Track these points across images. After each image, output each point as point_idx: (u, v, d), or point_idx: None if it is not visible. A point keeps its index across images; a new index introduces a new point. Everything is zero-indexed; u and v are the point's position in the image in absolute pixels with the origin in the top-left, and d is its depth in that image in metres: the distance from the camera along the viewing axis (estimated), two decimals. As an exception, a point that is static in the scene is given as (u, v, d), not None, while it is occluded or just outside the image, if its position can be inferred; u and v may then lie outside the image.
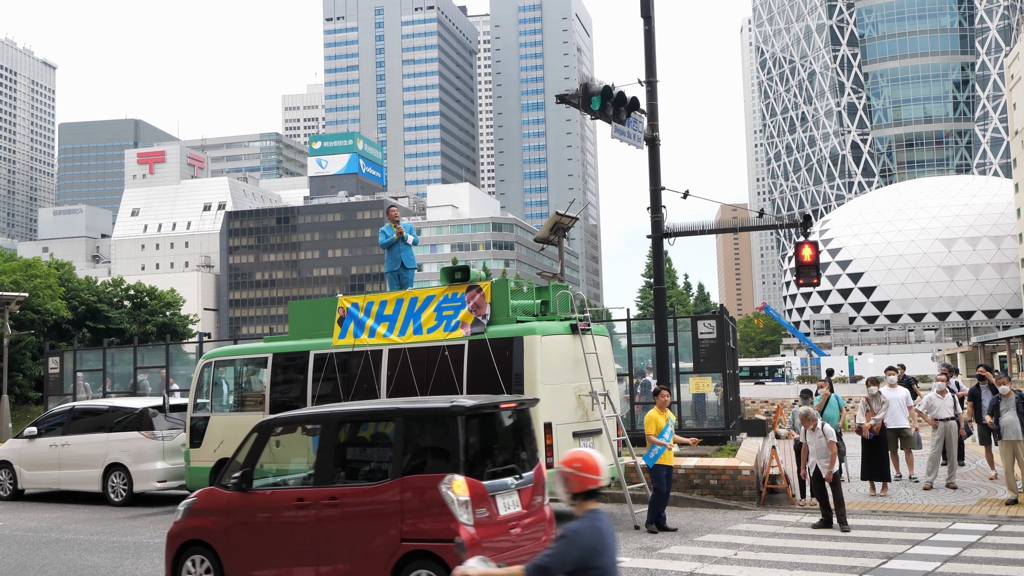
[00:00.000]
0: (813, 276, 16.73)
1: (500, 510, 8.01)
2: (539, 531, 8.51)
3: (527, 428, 8.86)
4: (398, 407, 8.41)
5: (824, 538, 11.63)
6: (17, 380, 36.14)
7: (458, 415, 7.92)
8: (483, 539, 7.62)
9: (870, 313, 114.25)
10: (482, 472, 8.00)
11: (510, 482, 8.24)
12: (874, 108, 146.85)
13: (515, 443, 8.76)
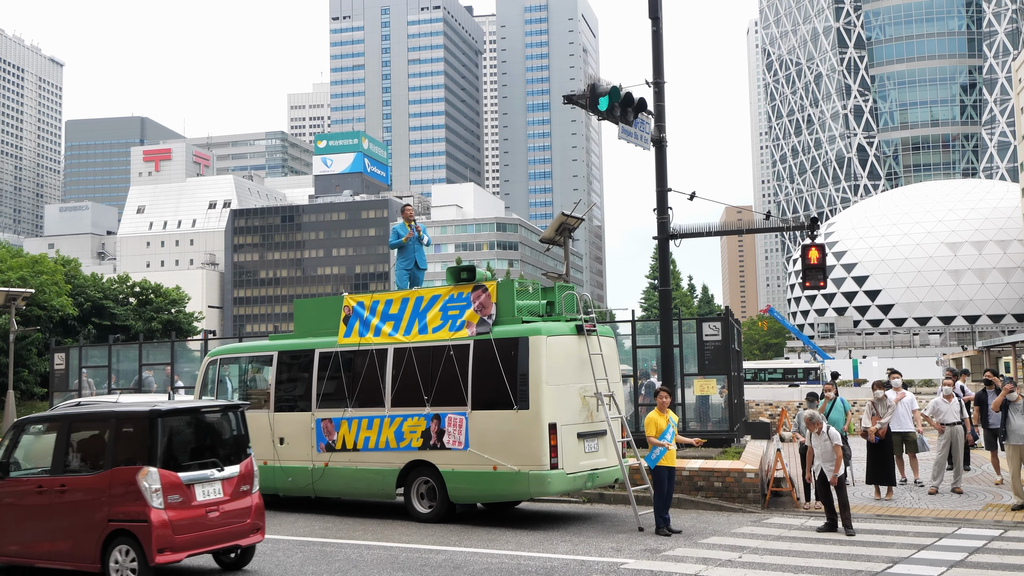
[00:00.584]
0: (819, 278, 16.70)
1: (197, 496, 9.62)
2: (243, 515, 10.06)
3: (235, 427, 10.47)
4: (112, 411, 10.20)
5: (829, 542, 11.61)
6: (23, 376, 36.21)
7: (156, 417, 9.59)
8: (176, 520, 9.31)
9: (875, 316, 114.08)
10: (179, 465, 9.61)
11: (211, 473, 9.84)
12: (881, 111, 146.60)
13: (220, 440, 10.35)
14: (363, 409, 14.04)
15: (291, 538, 12.47)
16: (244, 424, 10.58)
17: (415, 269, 16.04)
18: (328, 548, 11.66)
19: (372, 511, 14.77)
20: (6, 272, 35.12)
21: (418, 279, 16.08)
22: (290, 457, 14.69)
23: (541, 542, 11.85)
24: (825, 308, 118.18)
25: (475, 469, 12.96)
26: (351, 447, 14.06)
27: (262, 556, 11.18)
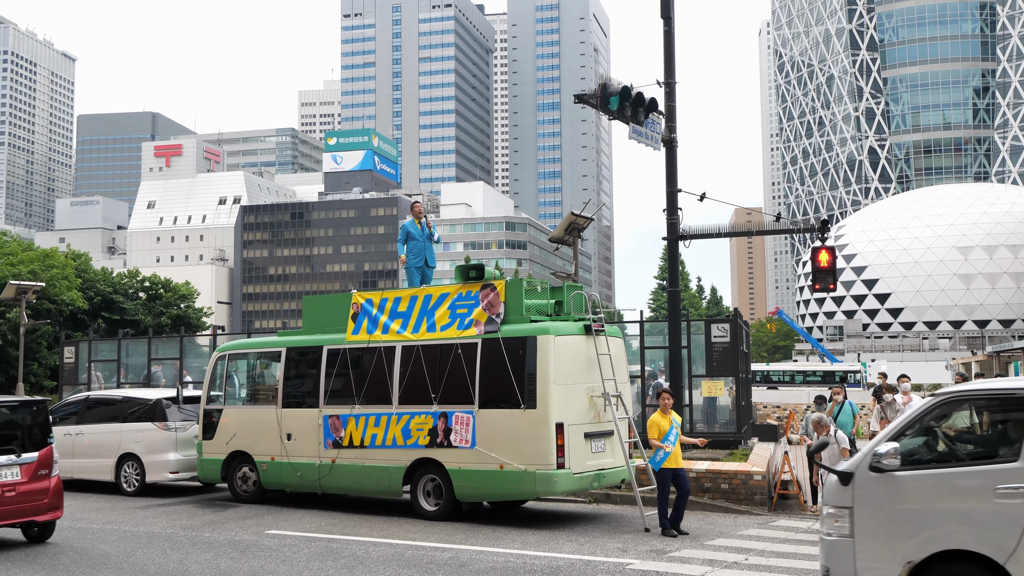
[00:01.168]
0: (829, 281, 16.65)
1: None
2: (41, 495, 11.66)
3: (35, 420, 12.03)
4: None
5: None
6: (33, 369, 36.34)
7: None
8: None
9: (884, 320, 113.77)
10: None
11: (10, 459, 11.51)
12: (893, 113, 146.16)
13: (19, 431, 11.90)
14: (371, 406, 14.07)
15: (297, 534, 12.51)
16: (47, 417, 12.24)
17: (425, 267, 16.05)
18: (334, 544, 11.69)
19: (378, 508, 14.80)
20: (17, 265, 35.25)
21: (428, 277, 16.09)
22: (297, 453, 14.73)
23: (547, 541, 11.85)
24: (834, 311, 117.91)
25: (482, 468, 12.97)
26: (358, 444, 14.09)
27: (269, 552, 11.22)
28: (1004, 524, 6.81)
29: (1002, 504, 6.85)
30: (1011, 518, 6.79)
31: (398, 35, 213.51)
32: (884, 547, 7.33)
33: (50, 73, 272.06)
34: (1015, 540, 6.73)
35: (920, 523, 7.20)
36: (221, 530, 12.86)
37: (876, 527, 7.38)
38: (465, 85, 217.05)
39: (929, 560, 7.08)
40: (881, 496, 7.38)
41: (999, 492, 6.88)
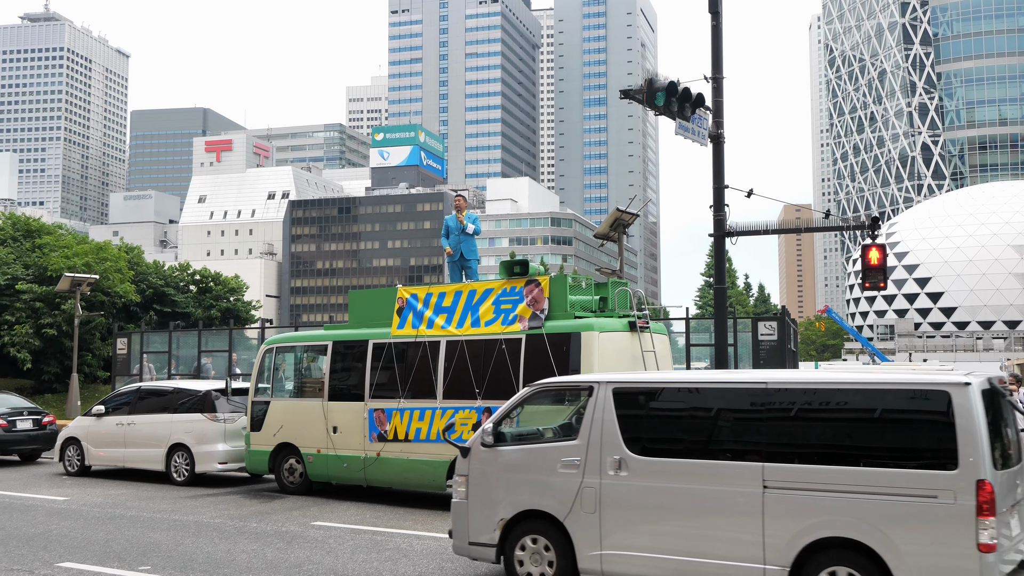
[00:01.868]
0: (880, 279, 16.44)
1: None
2: None
3: None
4: None
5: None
6: (87, 360, 37.02)
7: None
8: None
9: (937, 319, 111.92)
10: None
11: None
12: (947, 109, 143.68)
13: None
14: (415, 400, 14.16)
15: (343, 526, 12.64)
16: None
17: (462, 260, 16.08)
18: (379, 537, 11.80)
19: (423, 502, 14.89)
20: (72, 258, 35.92)
21: (469, 270, 16.10)
22: (343, 446, 14.87)
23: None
24: (885, 310, 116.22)
25: (525, 462, 13.00)
26: (403, 438, 14.19)
27: (314, 543, 11.37)
28: (564, 490, 8.54)
29: (563, 474, 8.60)
30: (569, 485, 8.54)
31: (445, 31, 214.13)
32: (487, 508, 8.97)
33: (105, 69, 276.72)
34: (571, 502, 8.48)
35: (510, 489, 8.87)
36: (268, 521, 13.04)
37: (482, 491, 9.04)
38: (511, 81, 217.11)
39: (516, 518, 8.79)
40: (486, 466, 9.04)
41: (562, 464, 8.63)
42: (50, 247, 38.01)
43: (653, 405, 8.72)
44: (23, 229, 41.67)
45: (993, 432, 7.33)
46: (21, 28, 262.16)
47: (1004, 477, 7.32)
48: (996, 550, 6.99)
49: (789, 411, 7.86)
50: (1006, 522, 7.29)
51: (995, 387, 7.75)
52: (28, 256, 38.06)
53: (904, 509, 7.15)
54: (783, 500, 7.58)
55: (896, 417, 7.56)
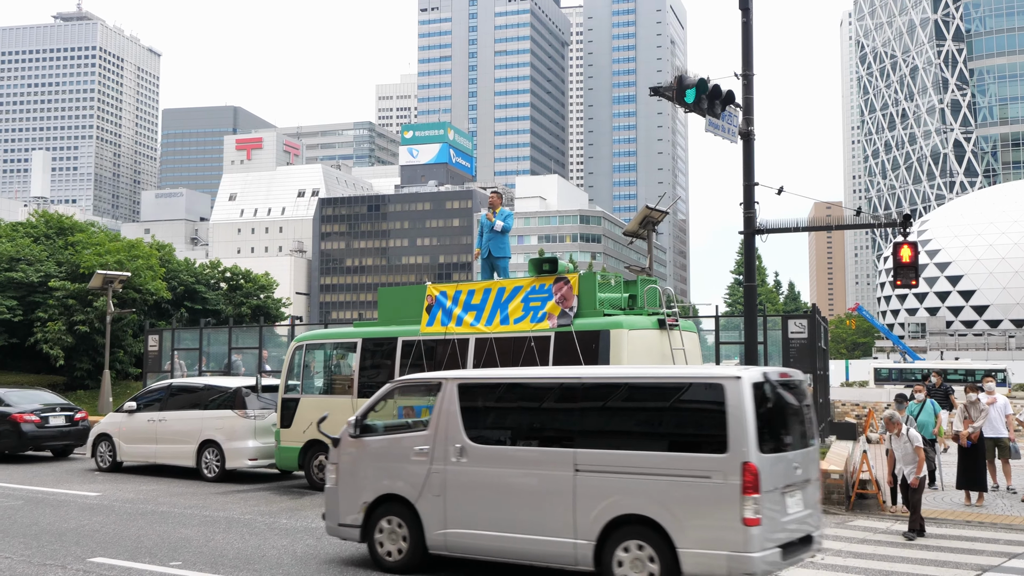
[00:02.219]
0: (911, 277, 16.26)
1: None
2: None
3: None
4: None
5: (915, 546, 11.35)
6: (118, 356, 37.37)
7: None
8: None
9: (969, 317, 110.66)
10: None
11: None
12: (979, 106, 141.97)
13: None
14: (444, 398, 14.14)
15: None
16: None
17: (491, 258, 16.02)
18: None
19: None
20: (104, 256, 36.25)
21: (499, 268, 16.00)
22: (372, 443, 14.89)
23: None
24: (916, 308, 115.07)
25: (554, 460, 12.97)
26: (432, 435, 14.18)
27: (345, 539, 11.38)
28: (416, 475, 9.50)
29: (416, 461, 9.54)
30: (420, 471, 9.49)
31: (474, 29, 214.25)
32: (353, 493, 9.91)
33: (136, 68, 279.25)
34: (421, 486, 9.41)
35: (372, 475, 9.84)
36: (298, 517, 13.09)
37: (349, 478, 10.00)
38: (540, 78, 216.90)
39: (376, 501, 9.72)
40: (353, 455, 10.03)
41: (415, 452, 9.58)
42: (82, 245, 38.38)
43: (489, 398, 9.76)
44: (56, 227, 42.13)
45: (765, 420, 8.19)
46: (54, 27, 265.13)
47: (775, 460, 8.15)
48: (760, 524, 7.85)
49: (596, 403, 8.95)
50: (777, 500, 8.13)
51: (771, 381, 8.57)
52: (61, 253, 38.47)
53: (686, 488, 8.08)
54: (590, 481, 8.53)
55: (681, 407, 8.62)
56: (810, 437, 9.01)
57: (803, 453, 8.73)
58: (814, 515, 8.80)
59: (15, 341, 36.50)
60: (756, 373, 8.45)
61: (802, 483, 8.58)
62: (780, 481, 8.22)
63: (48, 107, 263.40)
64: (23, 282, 36.13)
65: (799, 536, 8.47)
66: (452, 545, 9.26)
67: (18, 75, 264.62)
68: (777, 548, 8.08)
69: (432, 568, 9.61)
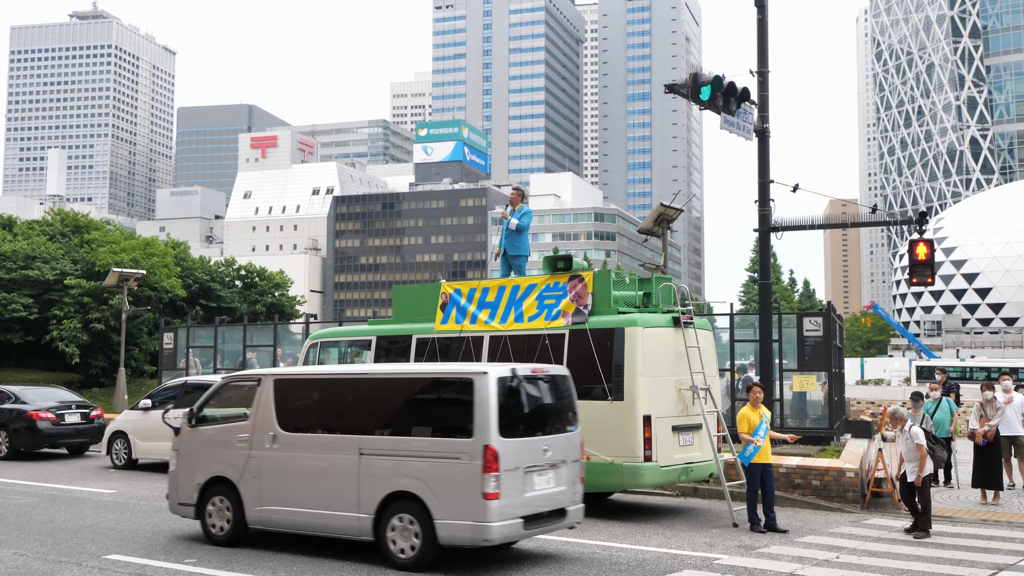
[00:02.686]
0: (927, 275, 16.18)
1: None
2: None
3: None
4: None
5: (930, 545, 11.29)
6: (134, 354, 37.56)
7: None
8: None
9: (985, 315, 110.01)
10: None
11: None
12: (996, 103, 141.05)
13: None
14: (458, 395, 14.14)
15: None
16: None
17: (506, 256, 15.98)
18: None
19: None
20: (119, 254, 36.44)
21: (514, 266, 15.94)
22: (386, 440, 14.91)
23: (633, 534, 11.81)
24: (932, 305, 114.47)
25: (568, 458, 12.96)
26: (446, 433, 14.19)
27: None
28: (238, 459, 10.78)
29: (238, 447, 10.82)
30: (241, 456, 10.76)
31: (489, 26, 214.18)
32: (189, 475, 11.16)
33: (152, 66, 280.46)
34: (241, 469, 10.69)
35: (205, 460, 11.10)
36: (312, 514, 13.10)
37: (187, 462, 11.27)
38: (555, 76, 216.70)
39: (208, 482, 10.94)
40: (190, 442, 11.35)
41: (238, 439, 10.84)
42: (98, 243, 38.57)
43: (298, 392, 11.01)
44: (71, 225, 42.36)
45: (511, 410, 9.53)
46: (70, 26, 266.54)
47: (519, 444, 9.47)
48: (499, 498, 9.13)
49: (377, 395, 10.45)
50: (520, 478, 9.42)
51: (519, 376, 9.84)
52: (76, 251, 38.68)
53: (442, 468, 9.38)
54: (371, 463, 9.81)
55: (441, 399, 10.03)
56: (567, 424, 10.35)
57: (556, 438, 10.02)
58: (569, 492, 10.09)
59: (31, 339, 36.73)
60: (503, 369, 9.76)
61: (553, 464, 9.87)
62: (524, 462, 9.50)
63: (64, 105, 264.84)
64: (39, 280, 36.35)
65: (549, 509, 9.78)
66: (266, 520, 10.56)
67: (34, 74, 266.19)
68: (519, 519, 9.37)
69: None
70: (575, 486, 10.23)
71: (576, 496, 10.27)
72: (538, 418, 10.11)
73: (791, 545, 11.19)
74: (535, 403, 10.11)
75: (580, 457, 10.42)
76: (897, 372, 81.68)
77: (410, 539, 9.47)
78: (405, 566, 9.47)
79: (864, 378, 79.48)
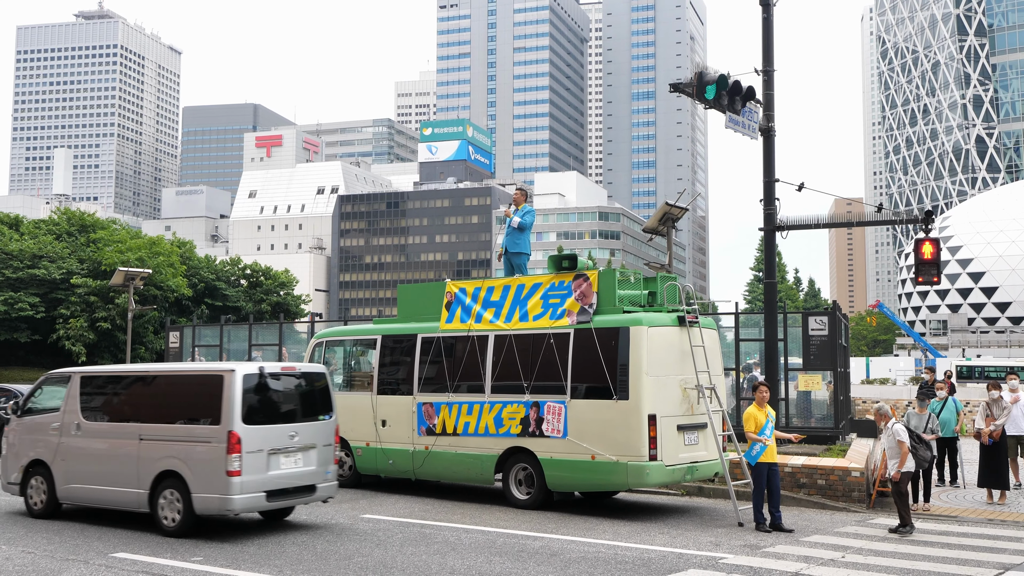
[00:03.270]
0: (933, 274, 16.17)
1: None
2: None
3: None
4: None
5: (936, 544, 11.28)
6: (139, 352, 37.65)
7: None
8: None
9: (991, 315, 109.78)
10: None
11: None
12: (1002, 101, 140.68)
13: None
14: (463, 394, 14.19)
15: (392, 519, 12.71)
16: None
17: (508, 254, 15.94)
18: (427, 530, 11.85)
19: (471, 495, 14.93)
20: (125, 253, 36.52)
21: (515, 265, 15.89)
22: (392, 439, 14.95)
23: (638, 533, 11.82)
24: (938, 305, 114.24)
25: (573, 457, 12.98)
26: (451, 432, 14.23)
27: (364, 535, 11.43)
28: (51, 444, 12.58)
29: (52, 434, 12.63)
30: (54, 441, 12.55)
31: (493, 26, 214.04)
32: (16, 458, 13.04)
33: (157, 66, 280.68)
34: (54, 452, 12.49)
35: (27, 445, 12.96)
36: (317, 513, 13.15)
37: (14, 447, 13.16)
38: (559, 75, 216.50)
39: (30, 464, 12.77)
40: (17, 430, 13.20)
41: (51, 428, 12.66)
42: (104, 242, 38.66)
43: (97, 387, 12.70)
44: (78, 224, 42.45)
45: (257, 401, 11.43)
46: (76, 26, 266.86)
47: (262, 430, 11.27)
48: (241, 475, 10.92)
49: (151, 390, 12.42)
50: (264, 459, 11.19)
51: (266, 373, 11.73)
52: (83, 251, 38.77)
53: (197, 450, 11.21)
54: (147, 447, 11.60)
55: (201, 391, 11.56)
56: (319, 413, 12.21)
57: (304, 425, 11.86)
58: (320, 471, 11.95)
59: (37, 337, 36.82)
60: (251, 368, 11.71)
61: (302, 447, 11.70)
62: (269, 445, 11.30)
63: (70, 105, 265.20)
64: (45, 279, 36.44)
65: (296, 486, 11.60)
66: (71, 496, 12.38)
67: (40, 73, 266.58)
68: (262, 493, 11.16)
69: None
70: (328, 466, 12.08)
71: (328, 475, 12.09)
72: (286, 408, 11.98)
73: (797, 544, 11.19)
74: (282, 396, 12.04)
75: (333, 442, 12.25)
76: (903, 371, 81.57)
77: (175, 511, 11.26)
78: (171, 533, 11.22)
79: (869, 377, 79.34)
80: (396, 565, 9.77)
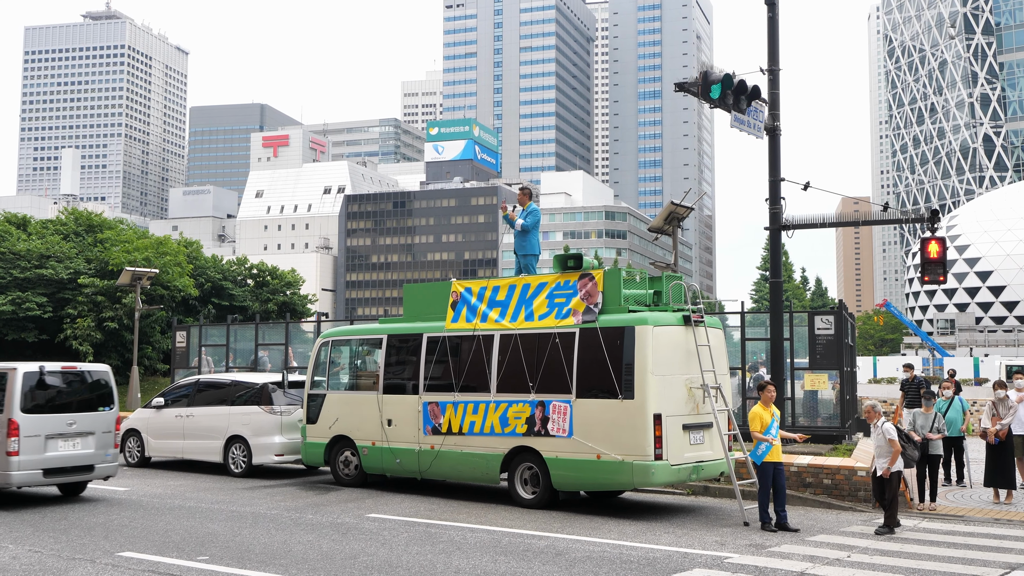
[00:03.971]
0: (939, 273, 16.13)
1: None
2: None
3: None
4: None
5: (942, 544, 11.27)
6: (146, 352, 37.71)
7: None
8: None
9: (999, 314, 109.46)
10: None
11: None
12: (1009, 100, 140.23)
13: None
14: (469, 394, 14.20)
15: (397, 518, 12.73)
16: None
17: (515, 254, 15.97)
18: (433, 529, 11.86)
19: (476, 495, 14.94)
20: (132, 252, 36.59)
21: (523, 265, 15.94)
22: (397, 439, 14.97)
23: (644, 532, 11.82)
24: (945, 304, 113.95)
25: (579, 457, 12.98)
26: (457, 431, 14.25)
27: (369, 535, 11.45)
28: None
29: None
30: None
31: (499, 25, 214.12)
32: None
33: (164, 66, 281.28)
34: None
35: None
36: (323, 512, 13.17)
37: None
38: (565, 74, 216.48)
39: None
40: None
41: None
42: (111, 242, 38.74)
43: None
44: (85, 224, 42.54)
45: (38, 394, 13.46)
46: (83, 26, 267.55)
47: (40, 418, 13.36)
48: (19, 455, 13.05)
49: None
50: (41, 442, 13.32)
51: (45, 371, 13.72)
52: (90, 251, 38.85)
53: None
54: None
55: None
56: (99, 406, 14.20)
57: (83, 415, 13.91)
58: (100, 454, 14.01)
59: (45, 337, 36.94)
60: (32, 366, 13.61)
61: (80, 433, 13.78)
62: (47, 431, 13.41)
63: (78, 105, 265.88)
64: (53, 279, 36.55)
65: (74, 465, 13.69)
66: None
67: (48, 74, 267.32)
68: (39, 471, 13.27)
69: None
70: (107, 449, 14.14)
71: (108, 457, 14.18)
72: (66, 401, 13.95)
73: (802, 544, 11.18)
74: (62, 390, 14.02)
75: (113, 430, 14.29)
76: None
77: None
78: None
79: (876, 377, 79.21)
80: (401, 564, 9.79)
